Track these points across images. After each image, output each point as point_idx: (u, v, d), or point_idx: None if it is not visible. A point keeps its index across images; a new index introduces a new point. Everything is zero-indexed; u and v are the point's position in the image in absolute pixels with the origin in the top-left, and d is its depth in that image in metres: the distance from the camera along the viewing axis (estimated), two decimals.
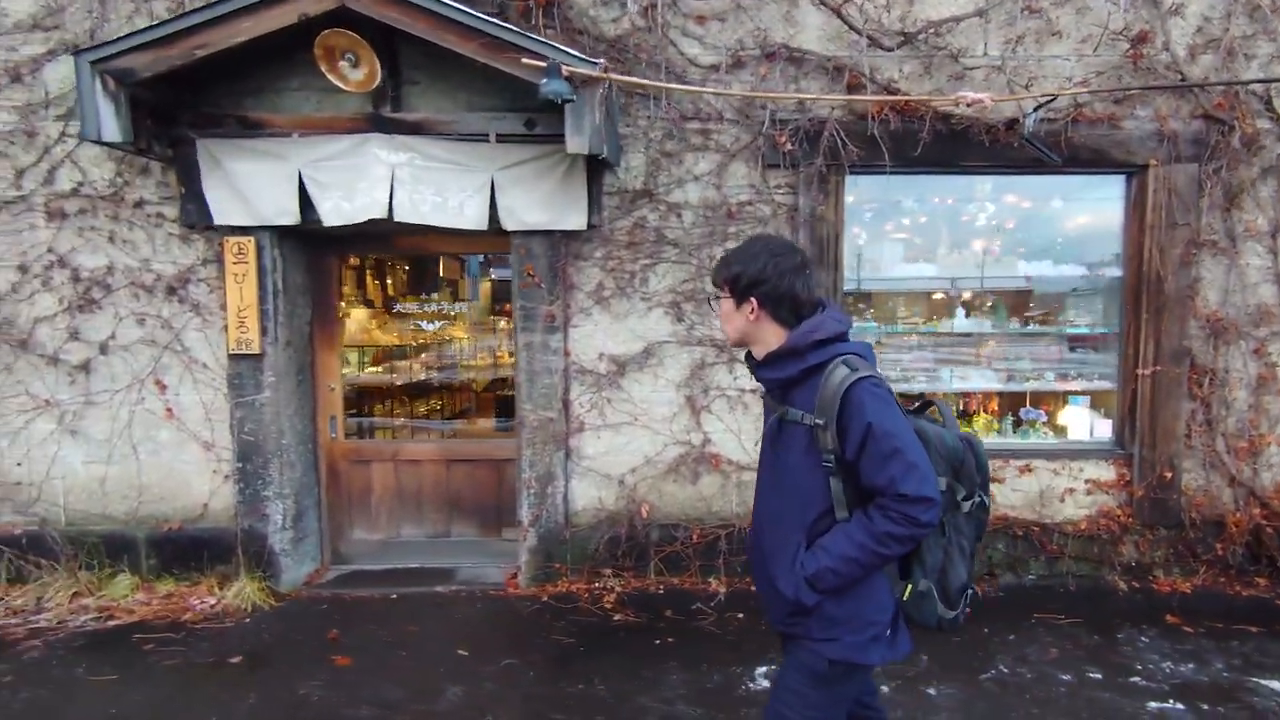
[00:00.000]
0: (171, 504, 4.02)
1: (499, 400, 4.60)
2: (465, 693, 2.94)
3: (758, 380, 1.77)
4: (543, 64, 3.15)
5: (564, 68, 3.15)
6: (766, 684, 2.99)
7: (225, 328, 3.92)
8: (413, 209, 3.70)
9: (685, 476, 4.06)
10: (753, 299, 1.67)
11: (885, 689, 2.93)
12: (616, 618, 3.63)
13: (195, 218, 3.83)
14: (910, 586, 1.65)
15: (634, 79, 3.59)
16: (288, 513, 4.03)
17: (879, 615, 1.64)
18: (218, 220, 3.75)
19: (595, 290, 3.98)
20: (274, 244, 3.88)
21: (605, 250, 3.97)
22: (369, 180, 3.68)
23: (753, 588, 3.83)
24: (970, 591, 1.70)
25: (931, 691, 2.93)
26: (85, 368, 3.93)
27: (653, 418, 4.04)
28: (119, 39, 3.25)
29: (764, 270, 1.65)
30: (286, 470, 4.01)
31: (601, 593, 3.89)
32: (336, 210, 3.71)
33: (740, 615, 3.64)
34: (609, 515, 4.03)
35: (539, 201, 3.77)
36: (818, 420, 1.58)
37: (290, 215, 3.72)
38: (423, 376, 4.65)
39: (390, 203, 3.68)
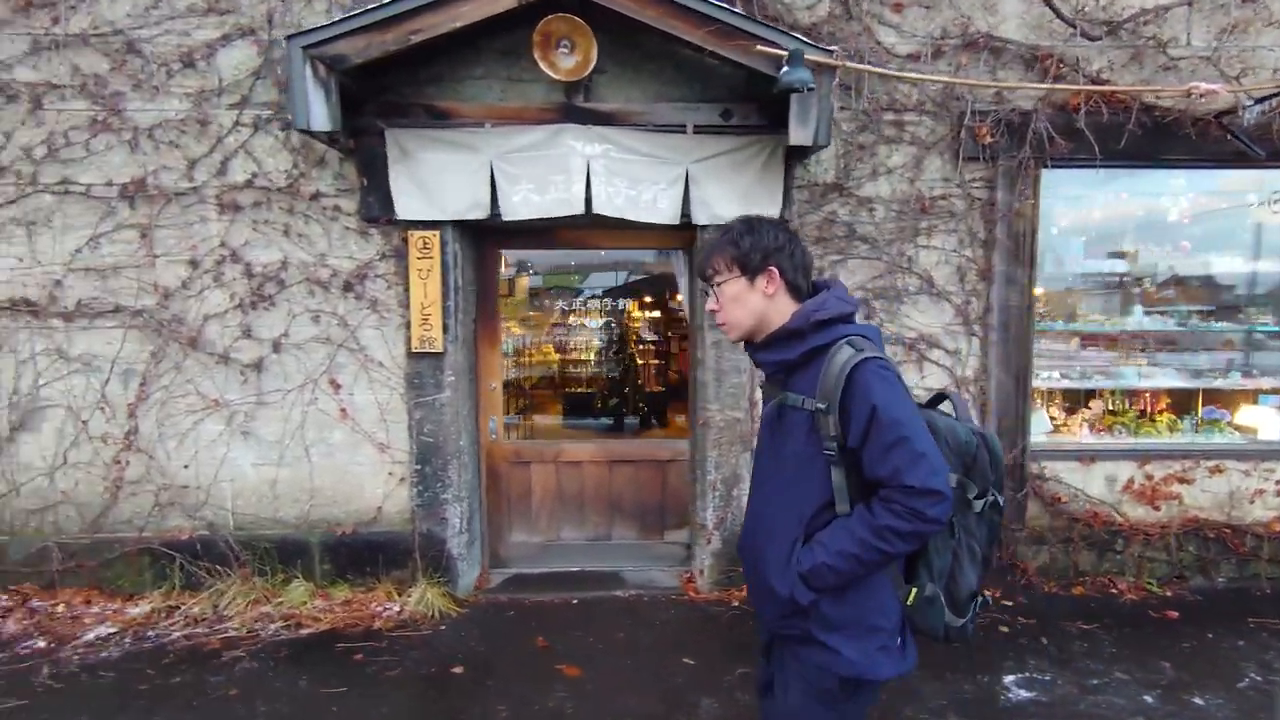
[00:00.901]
0: (344, 507, 3.89)
1: (660, 399, 4.49)
2: (721, 705, 2.84)
3: (756, 364, 1.66)
4: (782, 51, 3.03)
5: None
6: (1025, 693, 2.91)
7: (402, 325, 3.79)
8: (608, 202, 3.57)
9: None
10: (771, 268, 1.55)
11: (1148, 699, 2.86)
12: None
13: (377, 210, 3.69)
14: (916, 591, 1.51)
15: (867, 66, 3.47)
16: (463, 516, 3.91)
17: (882, 620, 1.51)
18: (402, 214, 3.60)
19: None
20: (454, 239, 3.74)
21: None
22: (566, 173, 3.54)
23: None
24: (981, 599, 1.57)
25: (1199, 701, 2.85)
26: (257, 366, 3.79)
27: None
28: (332, 24, 3.10)
29: (776, 238, 1.56)
30: (463, 472, 3.89)
31: None
32: (526, 203, 3.58)
33: None
34: None
35: (735, 194, 3.65)
36: (819, 405, 1.45)
37: (482, 208, 3.59)
38: (578, 374, 4.53)
39: (588, 196, 3.55)
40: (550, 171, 3.56)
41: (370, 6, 3.13)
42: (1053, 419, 4.20)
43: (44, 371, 3.74)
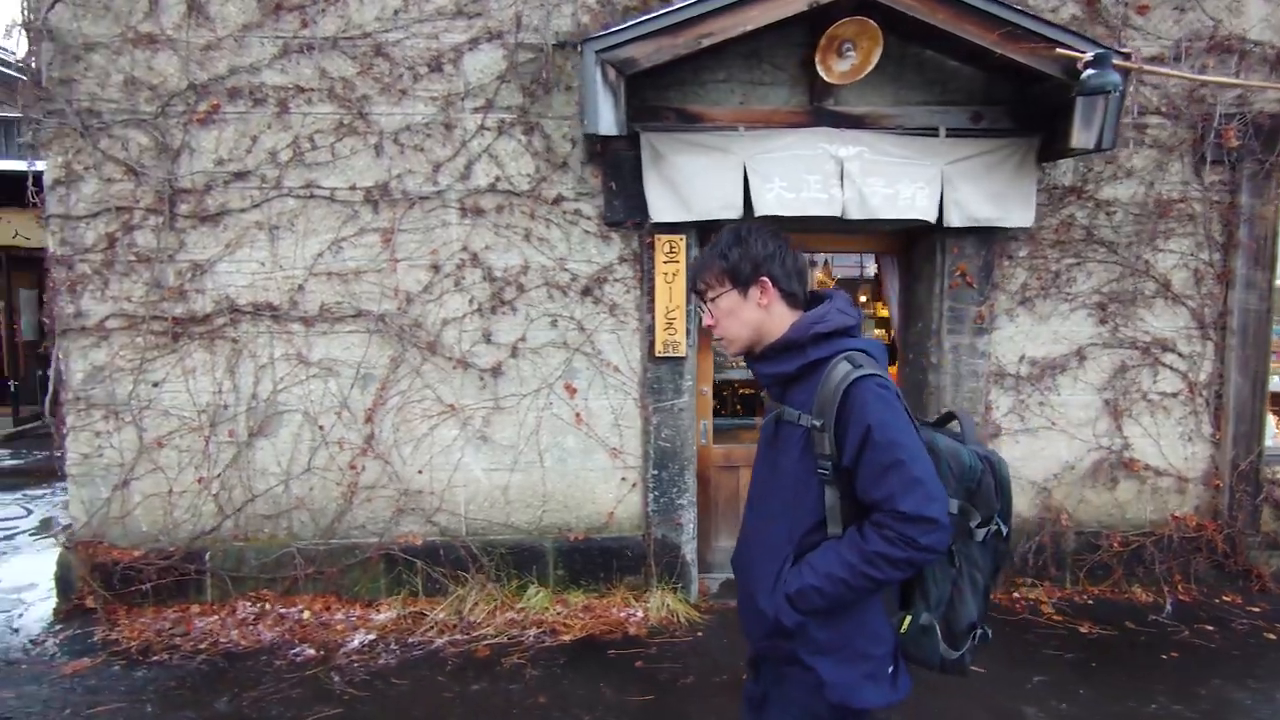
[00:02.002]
0: (576, 513, 3.87)
1: None
2: (1044, 716, 2.82)
3: (755, 376, 1.60)
4: (1086, 55, 3.01)
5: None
6: None
7: (638, 330, 3.77)
8: (862, 203, 3.55)
9: (1102, 483, 3.94)
10: (764, 278, 1.49)
11: None
12: (1082, 629, 3.52)
13: (621, 214, 3.67)
14: (910, 618, 1.45)
15: (1165, 70, 3.46)
16: (694, 521, 3.89)
17: (873, 648, 1.44)
18: (657, 217, 3.58)
19: (1019, 291, 3.85)
20: (695, 242, 3.72)
21: (1030, 249, 3.83)
22: (820, 173, 3.52)
23: (1185, 596, 3.75)
24: (980, 631, 1.48)
25: None
26: (494, 371, 3.77)
27: (1070, 421, 3.91)
28: (624, 27, 3.08)
29: (765, 245, 1.50)
30: (693, 478, 3.87)
31: (1035, 602, 3.77)
32: (780, 201, 3.55)
33: (1209, 628, 3.53)
34: (1027, 522, 3.91)
35: (987, 197, 3.62)
36: (815, 421, 1.40)
37: (733, 209, 3.56)
38: None
39: (842, 197, 3.53)
40: (804, 171, 3.54)
41: (663, 10, 3.11)
42: None
43: (283, 377, 3.73)
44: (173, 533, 3.73)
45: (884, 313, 5.78)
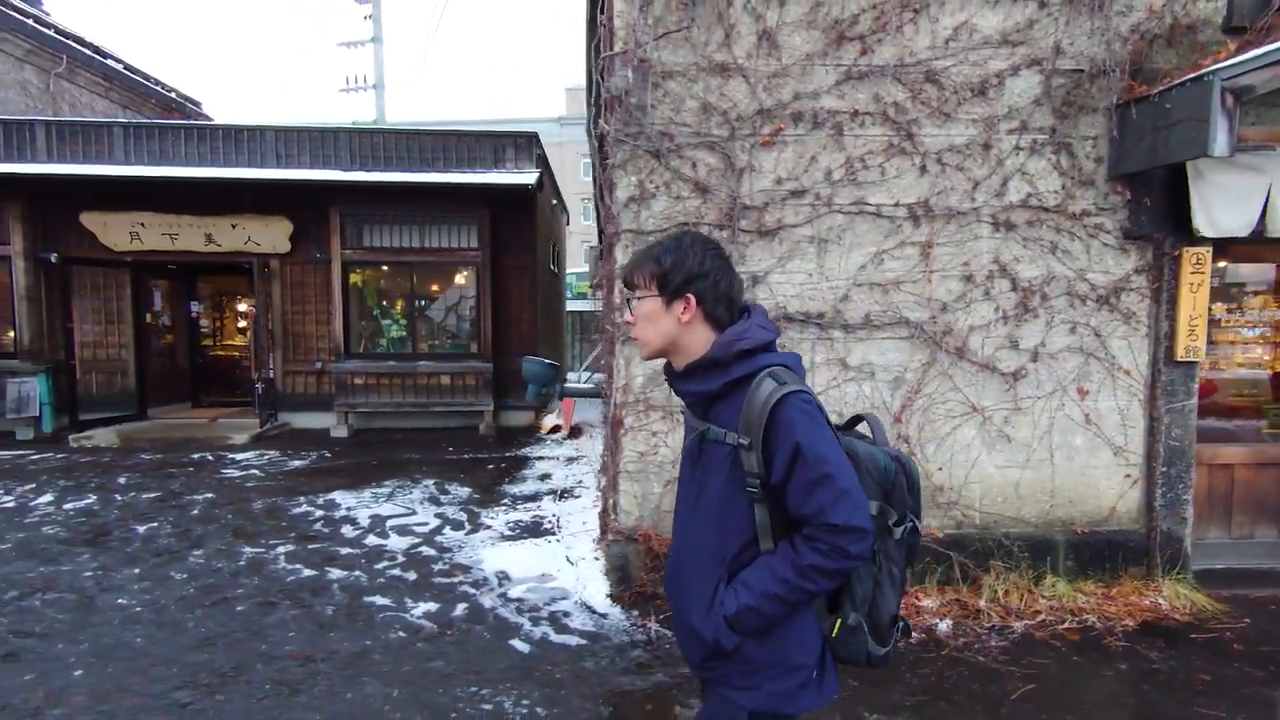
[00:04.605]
0: (1079, 507, 4.12)
1: None
2: None
3: (677, 394, 1.57)
4: None
5: None
6: None
7: (1149, 336, 4.03)
8: None
9: None
10: (689, 296, 1.47)
11: None
12: None
13: (1147, 227, 3.93)
14: (840, 621, 1.46)
15: None
16: (1192, 515, 4.14)
17: (805, 658, 1.45)
18: (1204, 232, 3.81)
19: None
20: (1213, 256, 3.97)
21: None
22: None
23: None
24: (902, 624, 1.53)
25: None
26: (1015, 375, 4.03)
27: None
28: (1253, 58, 3.34)
29: (702, 264, 1.47)
30: (1195, 474, 4.12)
31: None
32: None
33: None
34: None
35: None
36: (742, 440, 1.40)
37: (1247, 227, 3.80)
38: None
39: None
40: None
41: None
42: None
43: (823, 380, 4.00)
44: None
45: None
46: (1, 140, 9.02)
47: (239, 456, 7.90)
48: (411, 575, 4.38)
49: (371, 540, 5.03)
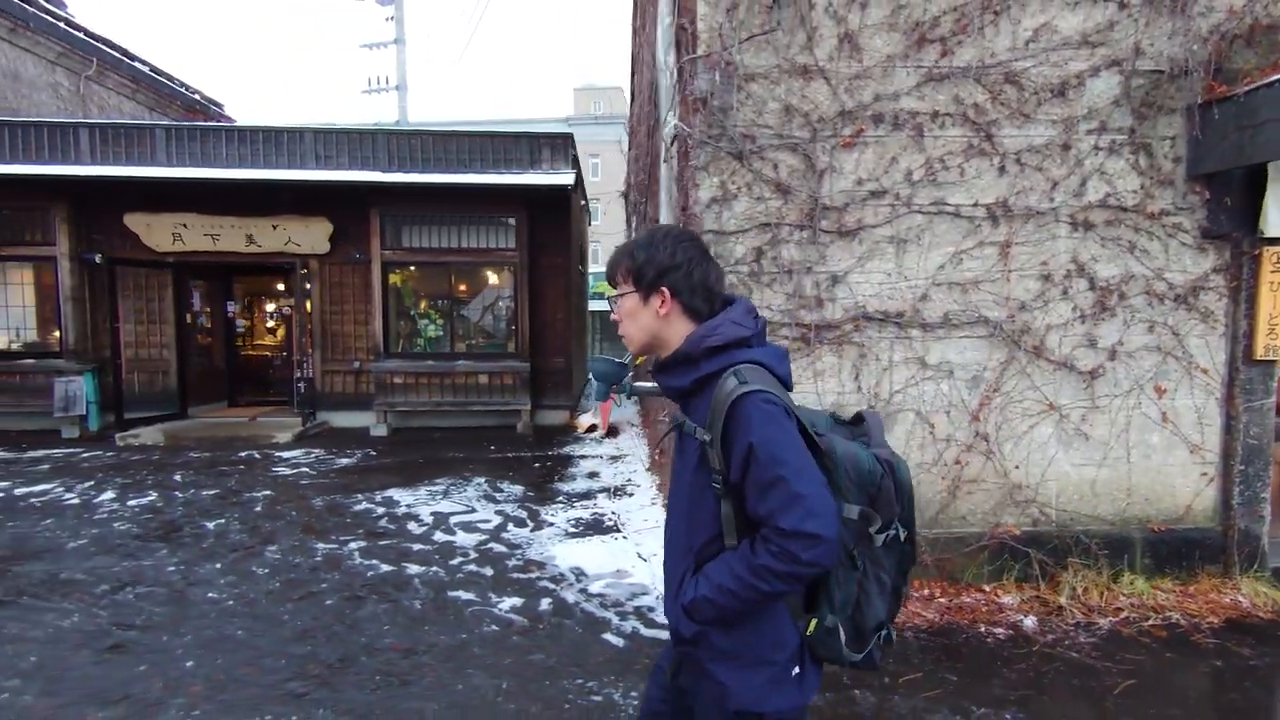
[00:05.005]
0: (1155, 505, 4.15)
1: None
2: None
3: (660, 388, 1.57)
4: None
5: None
6: None
7: (1226, 334, 4.04)
8: None
9: None
10: (664, 289, 1.48)
11: None
12: None
13: (1227, 227, 3.95)
14: (815, 622, 1.44)
15: None
16: (1270, 514, 4.16)
17: (774, 653, 1.43)
18: (1270, 232, 3.85)
19: None
20: None
21: None
22: None
23: None
24: (885, 631, 1.47)
25: None
26: (1092, 373, 4.05)
27: None
28: None
29: (673, 256, 1.48)
30: (1272, 472, 4.14)
31: None
32: None
33: None
34: None
35: None
36: (706, 436, 1.40)
37: None
38: None
39: None
40: None
41: None
42: None
43: (901, 379, 4.04)
44: None
45: None
46: (46, 143, 9.14)
47: (285, 455, 7.99)
48: (488, 571, 4.44)
49: (440, 536, 5.09)
